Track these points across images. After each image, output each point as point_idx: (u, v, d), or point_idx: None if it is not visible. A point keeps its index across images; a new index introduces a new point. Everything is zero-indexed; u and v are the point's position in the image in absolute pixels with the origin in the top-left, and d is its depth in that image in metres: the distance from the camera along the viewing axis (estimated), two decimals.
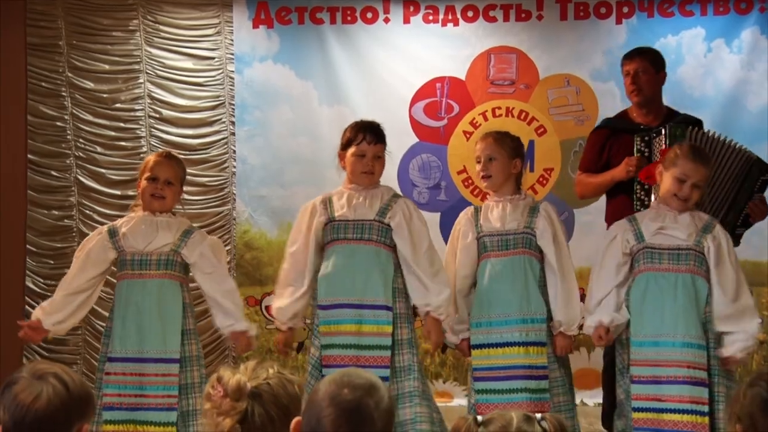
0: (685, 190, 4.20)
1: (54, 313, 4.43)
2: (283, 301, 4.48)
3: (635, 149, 4.97)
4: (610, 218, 5.15)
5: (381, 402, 2.08)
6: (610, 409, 4.96)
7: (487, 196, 4.58)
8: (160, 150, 6.94)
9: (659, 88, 5.26)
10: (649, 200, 4.89)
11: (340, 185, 4.62)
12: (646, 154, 4.92)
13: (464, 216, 4.54)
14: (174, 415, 4.29)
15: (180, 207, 4.74)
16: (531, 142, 6.75)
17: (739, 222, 4.77)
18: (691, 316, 4.13)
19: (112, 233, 4.50)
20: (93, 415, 2.22)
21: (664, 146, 4.77)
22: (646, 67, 5.17)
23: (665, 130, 4.83)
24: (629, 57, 5.28)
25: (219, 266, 4.52)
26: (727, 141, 4.87)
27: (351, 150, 4.47)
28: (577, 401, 5.02)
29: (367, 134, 4.46)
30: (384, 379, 4.23)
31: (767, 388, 2.12)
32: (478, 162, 4.47)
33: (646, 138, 4.94)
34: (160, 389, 4.31)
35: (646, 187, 4.89)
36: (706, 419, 4.06)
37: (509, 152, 4.47)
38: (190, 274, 4.57)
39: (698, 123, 5.24)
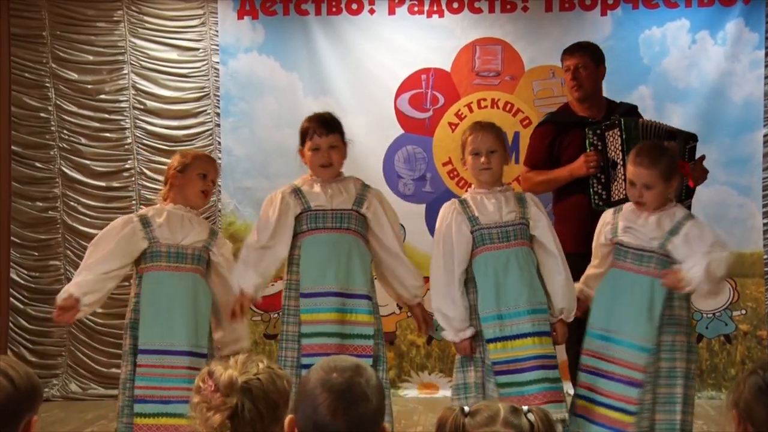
0: (636, 192, 4.25)
1: (90, 293, 4.29)
2: (248, 271, 4.39)
3: (588, 143, 4.96)
4: (561, 218, 5.17)
5: (371, 379, 2.11)
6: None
7: (470, 189, 4.54)
8: (144, 142, 6.95)
9: (600, 82, 5.27)
10: (608, 194, 4.91)
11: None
12: (600, 147, 4.92)
13: (451, 210, 4.43)
14: None
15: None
16: (516, 134, 6.77)
17: (682, 195, 4.78)
18: (640, 318, 4.15)
19: (146, 223, 4.42)
20: (40, 405, 2.19)
21: (619, 140, 4.81)
22: (586, 63, 5.17)
23: (620, 124, 4.83)
24: (569, 52, 5.26)
25: (231, 269, 4.54)
26: (665, 127, 4.94)
27: (306, 145, 4.47)
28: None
29: (317, 127, 4.45)
30: None
31: (764, 377, 2.14)
32: (477, 155, 4.41)
33: (598, 131, 4.94)
34: (187, 382, 4.26)
35: (603, 180, 4.91)
36: (632, 418, 4.09)
37: (505, 145, 4.48)
38: None
39: (634, 109, 5.28)
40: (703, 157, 4.97)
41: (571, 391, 4.55)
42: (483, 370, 4.32)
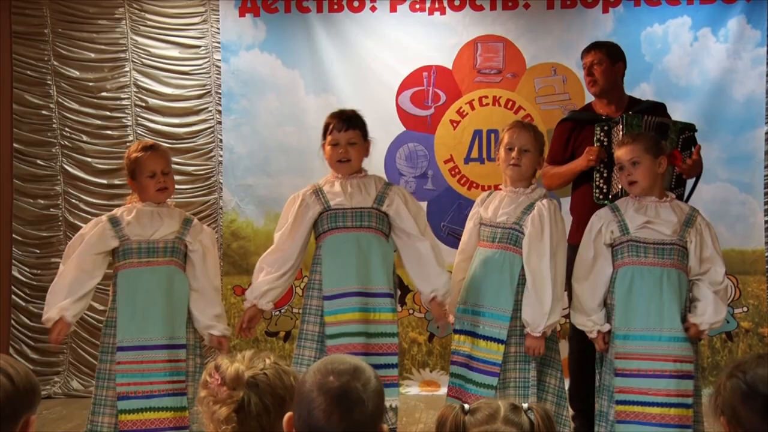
0: (624, 173, 4.30)
1: (71, 309, 4.36)
2: (258, 280, 4.47)
3: (595, 139, 5.05)
4: (574, 207, 5.27)
5: (368, 383, 2.09)
6: (575, 391, 5.09)
7: (500, 186, 4.58)
8: (144, 140, 6.94)
9: (618, 79, 5.34)
10: (608, 188, 4.97)
11: (326, 175, 4.62)
12: (605, 143, 5.01)
13: (477, 200, 4.61)
14: (184, 400, 4.32)
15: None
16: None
17: (672, 184, 4.82)
18: (676, 311, 4.15)
19: (114, 222, 4.47)
20: (38, 404, 2.19)
21: (621, 134, 4.85)
22: (601, 59, 5.26)
23: (623, 119, 4.91)
24: (587, 50, 5.39)
25: (214, 255, 4.55)
26: (674, 121, 5.03)
27: (327, 140, 4.50)
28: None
29: (337, 122, 4.48)
30: (393, 366, 4.31)
31: (744, 379, 2.12)
32: (510, 149, 4.41)
33: (605, 128, 5.03)
34: (168, 375, 4.32)
35: (605, 175, 4.98)
36: (691, 412, 4.09)
37: (540, 149, 4.49)
38: None
39: (662, 107, 5.35)
40: (698, 147, 4.98)
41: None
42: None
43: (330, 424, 2.03)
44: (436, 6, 6.93)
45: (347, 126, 4.47)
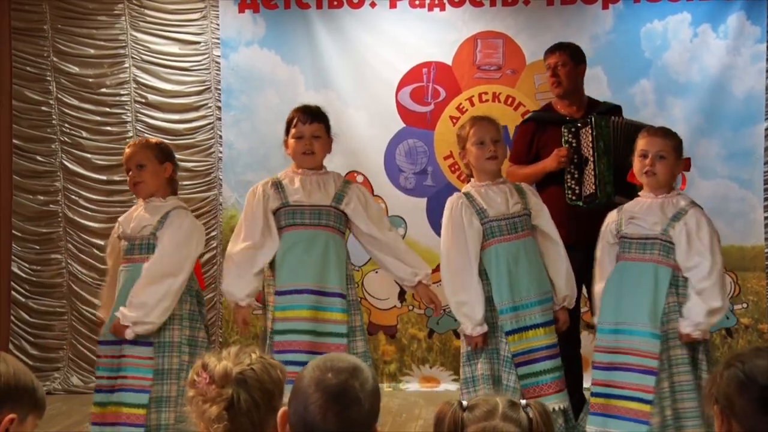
0: (647, 162, 4.26)
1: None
2: (234, 283, 4.44)
3: (563, 140, 5.12)
4: None
5: (366, 383, 2.09)
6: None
7: (470, 182, 4.56)
8: (145, 135, 6.94)
9: (580, 80, 5.43)
10: (581, 189, 5.05)
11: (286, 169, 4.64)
12: (574, 144, 5.09)
13: (458, 203, 4.46)
14: (145, 398, 4.27)
15: None
16: (517, 128, 6.75)
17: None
18: (646, 305, 4.16)
19: (119, 225, 4.57)
20: (28, 407, 2.19)
21: (590, 137, 4.96)
22: (565, 61, 5.35)
23: (591, 121, 4.99)
24: (550, 51, 5.46)
25: (167, 254, 4.39)
26: (640, 123, 5.03)
27: (290, 134, 4.51)
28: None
29: (301, 115, 4.49)
30: None
31: (743, 369, 2.12)
32: (482, 144, 4.42)
33: (573, 129, 5.11)
34: (134, 371, 4.31)
35: (576, 176, 5.05)
36: (649, 407, 4.09)
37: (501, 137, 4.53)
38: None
39: (618, 110, 5.43)
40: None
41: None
42: (499, 362, 4.34)
43: (325, 422, 2.03)
44: (436, 2, 6.92)
45: (312, 119, 4.49)
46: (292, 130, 4.49)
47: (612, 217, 4.43)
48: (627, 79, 6.62)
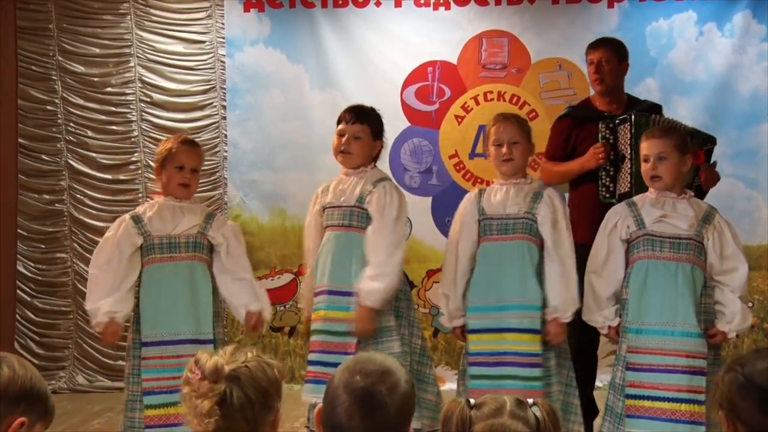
0: (649, 166, 4.21)
1: (120, 311, 4.35)
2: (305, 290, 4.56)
3: (600, 136, 4.97)
4: (578, 205, 5.13)
5: (395, 388, 2.08)
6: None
7: (494, 180, 4.54)
8: (153, 134, 6.95)
9: (622, 78, 5.26)
10: (615, 187, 4.91)
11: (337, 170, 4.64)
12: (611, 141, 4.93)
13: (468, 198, 4.49)
14: None
15: None
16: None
17: (691, 189, 4.78)
18: (690, 306, 4.11)
19: (137, 219, 4.43)
20: (32, 411, 2.19)
21: (629, 134, 4.81)
22: (610, 57, 5.16)
23: (631, 118, 4.85)
24: (593, 46, 5.27)
25: (240, 248, 4.50)
26: (681, 124, 4.92)
27: (336, 130, 4.50)
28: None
29: (347, 114, 4.48)
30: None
31: (743, 372, 2.12)
32: (499, 145, 4.40)
33: (611, 125, 4.95)
34: None
35: (612, 173, 4.92)
36: (704, 408, 4.06)
37: (528, 137, 4.45)
38: None
39: (659, 108, 5.28)
40: (715, 163, 4.97)
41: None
42: (466, 359, 4.37)
43: (350, 424, 2.04)
44: (441, 1, 6.92)
45: (355, 119, 4.46)
46: (337, 128, 4.48)
47: (624, 212, 4.31)
48: (632, 78, 6.51)
